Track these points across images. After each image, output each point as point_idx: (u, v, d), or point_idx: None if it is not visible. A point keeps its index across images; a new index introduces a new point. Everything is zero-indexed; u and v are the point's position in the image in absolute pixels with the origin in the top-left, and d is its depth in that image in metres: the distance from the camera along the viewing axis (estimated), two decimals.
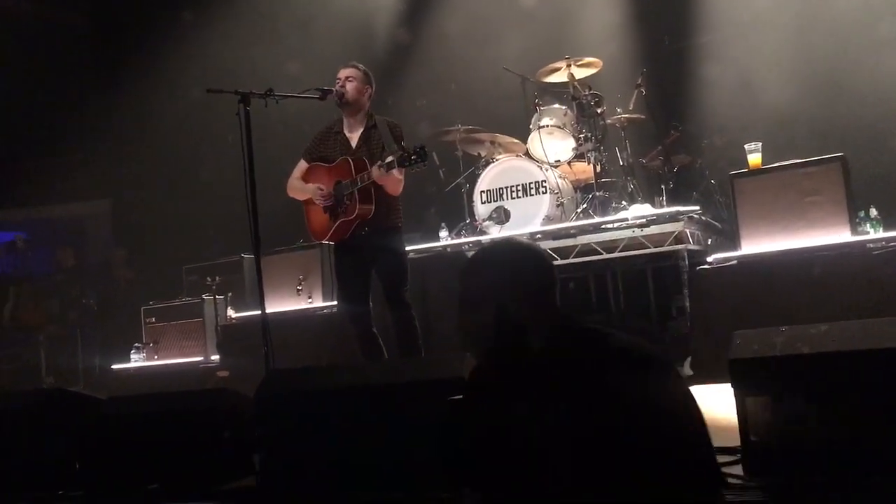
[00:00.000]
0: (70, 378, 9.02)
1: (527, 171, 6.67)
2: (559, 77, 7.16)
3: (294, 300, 7.05)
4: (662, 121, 7.73)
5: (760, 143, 5.83)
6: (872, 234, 5.34)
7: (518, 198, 6.64)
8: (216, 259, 8.38)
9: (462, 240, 6.82)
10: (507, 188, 6.68)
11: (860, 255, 5.15)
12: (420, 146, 4.64)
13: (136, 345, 7.85)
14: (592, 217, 6.40)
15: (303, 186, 5.14)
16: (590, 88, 7.05)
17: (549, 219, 6.50)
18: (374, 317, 5.10)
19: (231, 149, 4.56)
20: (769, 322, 3.02)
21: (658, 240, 6.08)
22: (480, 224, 6.76)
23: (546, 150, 6.84)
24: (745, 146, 5.85)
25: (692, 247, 6.07)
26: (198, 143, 9.89)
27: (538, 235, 6.42)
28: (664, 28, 8.66)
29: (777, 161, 5.74)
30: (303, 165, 5.21)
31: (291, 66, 9.08)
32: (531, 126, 7.04)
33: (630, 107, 7.22)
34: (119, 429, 3.70)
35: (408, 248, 5.44)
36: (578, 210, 6.58)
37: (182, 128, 9.90)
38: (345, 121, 5.13)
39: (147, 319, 7.89)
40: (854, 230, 5.27)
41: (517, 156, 6.91)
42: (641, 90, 7.19)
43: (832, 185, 5.32)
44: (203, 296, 7.65)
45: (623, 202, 6.53)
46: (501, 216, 6.62)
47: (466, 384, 2.45)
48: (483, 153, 7.25)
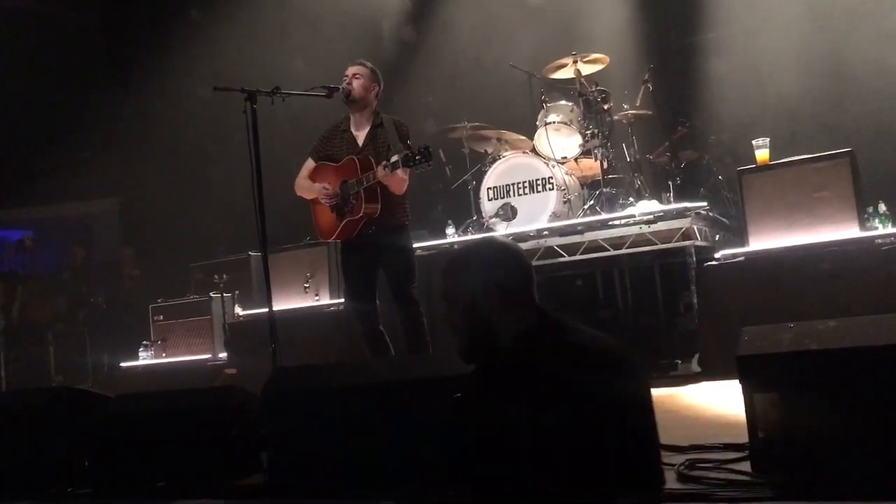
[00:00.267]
0: (78, 376, 9.07)
1: (533, 168, 6.66)
2: (566, 73, 7.14)
3: (301, 298, 7.06)
4: (669, 117, 7.71)
5: (768, 139, 5.81)
6: (881, 230, 5.31)
7: (525, 194, 6.63)
8: (224, 257, 8.40)
9: (469, 237, 6.82)
10: (514, 185, 6.67)
11: (869, 251, 5.13)
12: (425, 147, 4.64)
13: (144, 342, 7.89)
14: (599, 213, 6.38)
15: (310, 186, 5.15)
16: (596, 84, 7.03)
17: (556, 215, 6.48)
18: (382, 314, 5.10)
19: (238, 147, 4.56)
20: (777, 318, 3.01)
21: (665, 236, 6.06)
22: (487, 221, 6.75)
23: (553, 147, 6.83)
24: (753, 142, 5.83)
25: (700, 243, 6.05)
26: (205, 142, 9.91)
27: (545, 232, 6.41)
28: (671, 24, 8.64)
29: (785, 156, 5.72)
30: (310, 164, 5.21)
31: (298, 64, 9.09)
32: (538, 123, 7.02)
33: (637, 103, 7.20)
34: (127, 426, 3.72)
35: (415, 246, 5.43)
36: (585, 207, 6.57)
37: (189, 126, 9.93)
38: (352, 119, 5.13)
39: (155, 317, 7.92)
40: (862, 226, 5.25)
41: (524, 152, 6.90)
42: (648, 86, 7.17)
43: (840, 181, 5.30)
44: (211, 294, 7.68)
45: (630, 198, 6.52)
46: (508, 213, 6.61)
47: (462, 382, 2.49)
48: (490, 150, 7.25)
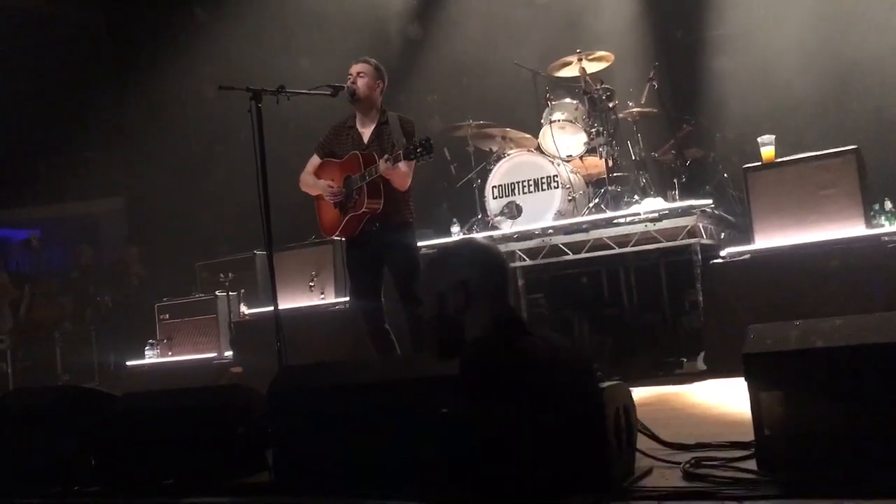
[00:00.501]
0: (85, 375, 9.09)
1: (538, 166, 6.65)
2: (571, 71, 7.13)
3: (307, 296, 7.07)
4: (675, 114, 7.70)
5: (774, 137, 5.80)
6: (887, 227, 5.30)
7: (530, 193, 6.62)
8: (229, 256, 8.42)
9: (474, 235, 6.81)
10: (519, 183, 6.67)
11: (875, 249, 5.12)
12: (426, 138, 4.64)
13: (151, 341, 7.90)
14: (605, 211, 6.38)
15: (314, 182, 5.15)
16: (601, 82, 7.01)
17: (561, 213, 6.48)
18: (387, 312, 5.10)
19: (243, 146, 4.57)
20: (783, 316, 3.01)
21: (671, 234, 6.06)
22: (492, 219, 6.75)
23: (558, 145, 6.82)
24: (759, 139, 5.82)
25: (705, 241, 6.05)
26: (210, 141, 9.93)
27: (550, 230, 6.41)
28: (676, 21, 8.63)
29: (791, 154, 5.71)
30: (315, 160, 5.22)
31: (303, 63, 9.10)
32: (543, 121, 7.01)
33: (642, 101, 7.18)
34: (134, 425, 3.73)
35: (420, 244, 5.43)
36: (590, 205, 6.56)
37: (195, 125, 9.95)
38: (357, 116, 5.13)
39: (161, 316, 7.93)
40: (869, 223, 5.24)
41: (529, 151, 6.89)
42: (654, 84, 7.16)
43: (846, 178, 5.29)
44: (216, 292, 7.69)
45: (635, 196, 6.50)
46: (513, 211, 6.61)
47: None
48: (494, 148, 7.24)
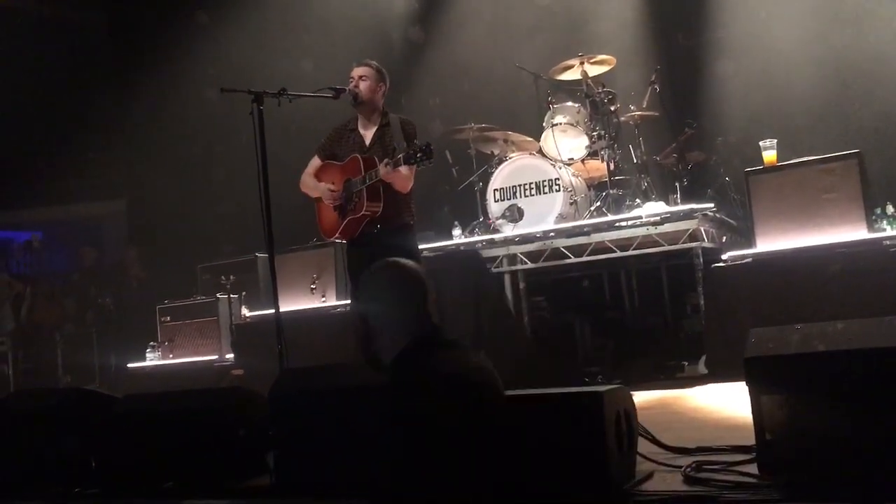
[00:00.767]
0: (86, 377, 9.09)
1: (540, 170, 6.65)
2: (572, 74, 7.13)
3: (308, 299, 7.07)
4: (676, 118, 7.70)
5: (775, 140, 5.80)
6: (889, 232, 5.29)
7: (531, 196, 6.62)
8: (231, 258, 8.41)
9: (475, 238, 6.81)
10: (521, 186, 6.67)
11: (876, 253, 5.12)
12: (426, 144, 4.64)
13: (152, 343, 7.90)
14: (606, 215, 6.37)
15: (315, 185, 5.15)
16: (603, 86, 7.02)
17: (563, 217, 6.48)
18: None
19: (245, 148, 4.57)
20: (784, 320, 3.01)
21: (672, 237, 6.06)
22: (494, 222, 6.75)
23: (559, 148, 6.82)
24: (760, 143, 5.82)
25: (707, 244, 6.05)
26: (212, 143, 9.93)
27: (552, 234, 6.41)
28: (678, 24, 8.62)
29: (792, 158, 5.71)
30: (316, 162, 5.21)
31: (305, 65, 9.10)
32: (544, 124, 7.02)
33: (644, 104, 7.18)
34: (134, 427, 3.73)
35: (421, 247, 5.42)
36: (592, 208, 6.56)
37: (197, 127, 9.95)
38: (359, 118, 5.13)
39: (162, 318, 7.93)
40: (870, 227, 5.24)
41: (530, 154, 6.89)
42: (655, 87, 7.16)
43: (848, 182, 5.28)
44: (218, 295, 7.68)
45: (637, 200, 6.51)
46: (515, 214, 6.61)
47: None
48: (496, 151, 7.24)
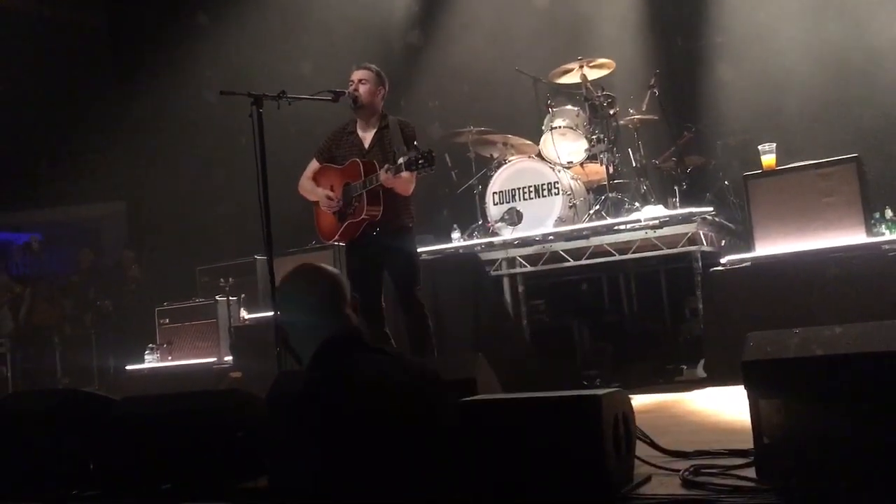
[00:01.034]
0: (85, 378, 9.09)
1: (539, 173, 6.66)
2: (572, 78, 7.14)
3: None
4: (675, 122, 7.71)
5: (774, 144, 5.81)
6: (888, 236, 5.30)
7: (530, 199, 6.63)
8: (230, 260, 8.41)
9: (474, 241, 6.82)
10: (520, 189, 6.68)
11: (875, 257, 5.11)
12: (428, 150, 4.65)
13: (150, 345, 7.89)
14: (605, 218, 6.38)
15: (313, 189, 5.15)
16: (602, 89, 7.03)
17: (562, 220, 6.48)
18: (387, 317, 5.10)
19: (244, 151, 4.57)
20: (783, 324, 3.00)
21: (671, 241, 6.06)
22: (492, 225, 6.75)
23: (558, 152, 6.83)
24: (759, 147, 5.83)
25: (705, 248, 6.05)
26: (212, 145, 9.94)
27: (551, 237, 6.41)
28: (677, 28, 8.64)
29: (791, 162, 5.71)
30: (314, 165, 5.22)
31: (305, 68, 9.11)
32: (544, 127, 7.02)
33: (643, 108, 7.19)
34: (133, 429, 3.72)
35: (420, 249, 5.43)
36: (591, 211, 6.57)
37: (196, 130, 9.95)
38: (358, 121, 5.14)
39: (161, 320, 7.92)
40: (869, 231, 5.24)
41: (529, 157, 6.90)
42: (654, 91, 7.17)
43: (847, 186, 5.29)
44: (216, 297, 7.67)
45: (636, 203, 6.51)
46: (514, 217, 6.61)
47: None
48: (495, 154, 7.25)
